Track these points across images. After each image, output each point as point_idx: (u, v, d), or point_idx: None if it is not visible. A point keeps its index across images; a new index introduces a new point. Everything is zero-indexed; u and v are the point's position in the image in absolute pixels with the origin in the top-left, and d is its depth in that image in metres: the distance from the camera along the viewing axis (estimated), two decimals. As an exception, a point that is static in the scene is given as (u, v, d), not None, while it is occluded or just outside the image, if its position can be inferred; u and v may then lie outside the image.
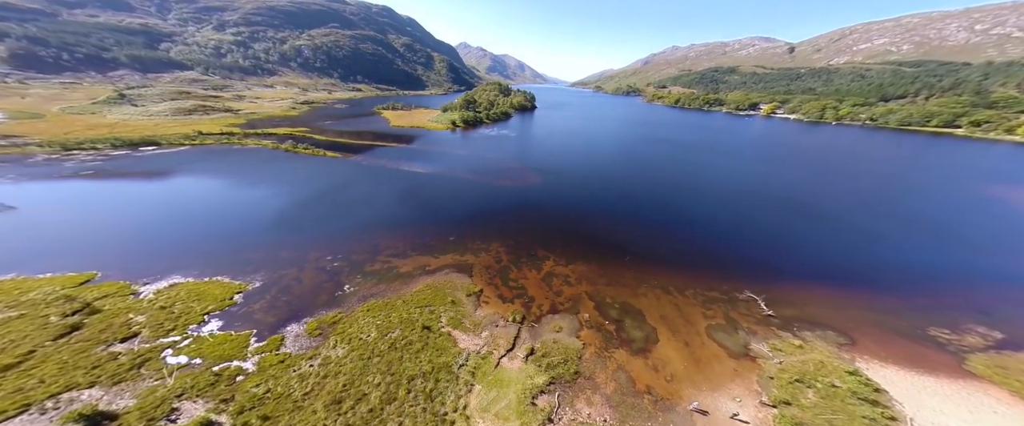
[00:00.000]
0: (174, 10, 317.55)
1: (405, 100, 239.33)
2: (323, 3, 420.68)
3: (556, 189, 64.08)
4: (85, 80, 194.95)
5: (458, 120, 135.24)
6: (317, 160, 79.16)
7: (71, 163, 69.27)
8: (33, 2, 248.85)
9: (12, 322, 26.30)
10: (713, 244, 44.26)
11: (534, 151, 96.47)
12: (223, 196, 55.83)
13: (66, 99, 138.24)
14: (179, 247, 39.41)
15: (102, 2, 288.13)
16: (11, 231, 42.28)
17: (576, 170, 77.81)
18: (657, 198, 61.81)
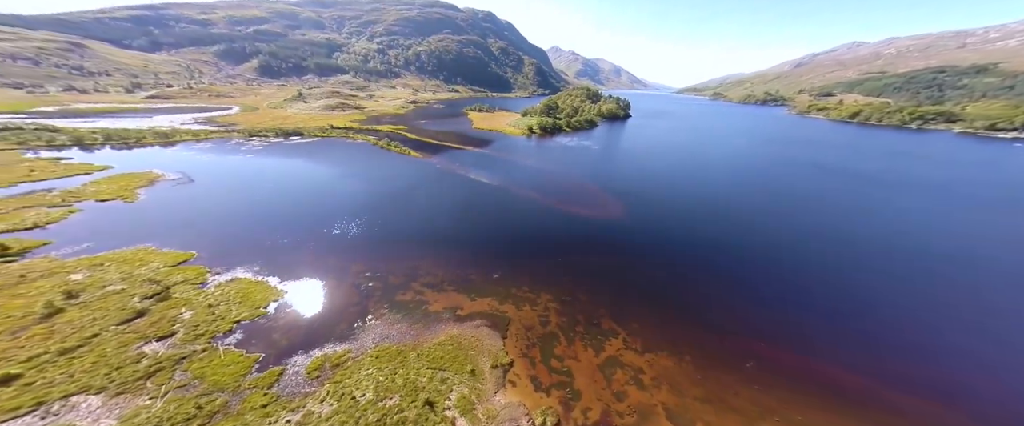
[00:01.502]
0: (346, 25, 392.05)
1: (491, 102, 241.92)
2: (441, 12, 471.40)
3: (643, 227, 49.65)
4: (289, 83, 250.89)
5: (535, 126, 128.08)
6: (400, 159, 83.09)
7: (246, 146, 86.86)
8: (276, 27, 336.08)
9: (108, 297, 29.40)
10: (937, 362, 26.61)
11: (619, 170, 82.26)
12: (314, 187, 61.28)
13: (274, 98, 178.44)
14: (257, 236, 41.85)
15: (309, 23, 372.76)
16: (178, 200, 51.52)
17: (675, 202, 61.17)
18: (817, 262, 41.30)
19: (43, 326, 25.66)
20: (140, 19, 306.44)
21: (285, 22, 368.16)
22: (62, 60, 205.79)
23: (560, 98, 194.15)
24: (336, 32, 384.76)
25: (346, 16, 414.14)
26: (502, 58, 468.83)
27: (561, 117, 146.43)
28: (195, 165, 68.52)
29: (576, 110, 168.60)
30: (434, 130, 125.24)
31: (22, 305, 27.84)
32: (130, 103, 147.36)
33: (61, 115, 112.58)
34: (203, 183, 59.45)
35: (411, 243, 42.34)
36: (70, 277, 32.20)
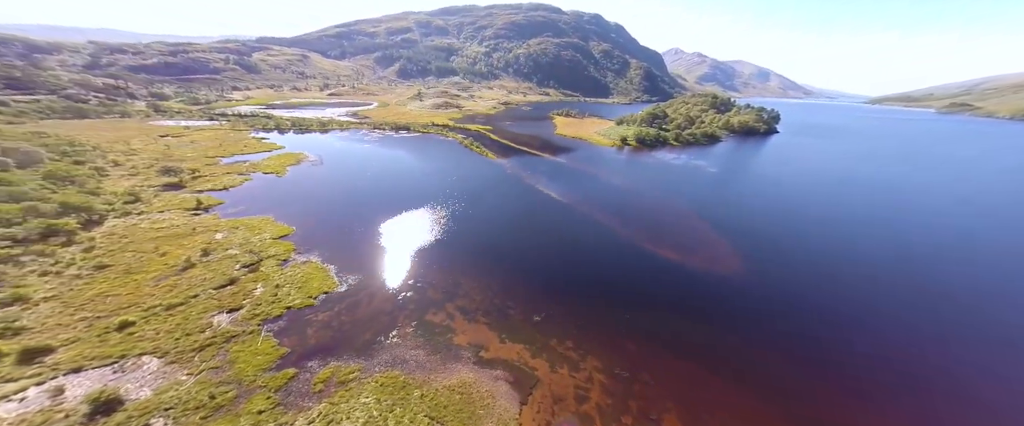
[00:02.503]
0: (464, 31, 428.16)
1: (582, 107, 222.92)
2: (544, 15, 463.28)
3: (768, 291, 34.92)
4: (415, 83, 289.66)
5: (631, 137, 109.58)
6: (478, 159, 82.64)
7: (369, 137, 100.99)
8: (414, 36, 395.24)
9: (223, 260, 35.17)
10: None
11: (743, 203, 61.05)
12: (400, 178, 65.95)
13: (402, 96, 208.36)
14: (341, 221, 45.55)
15: (437, 31, 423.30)
16: (307, 179, 61.85)
17: (834, 262, 41.63)
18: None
19: (176, 278, 31.80)
20: (339, 35, 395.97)
21: (421, 31, 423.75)
22: (295, 68, 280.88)
23: (671, 106, 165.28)
24: (455, 38, 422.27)
25: (464, 22, 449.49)
26: (603, 61, 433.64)
27: (668, 128, 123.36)
28: (330, 150, 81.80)
29: (691, 121, 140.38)
30: (515, 132, 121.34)
31: (177, 254, 35.42)
32: (318, 99, 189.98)
33: (283, 107, 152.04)
34: (328, 166, 69.90)
35: (462, 253, 39.60)
36: (215, 235, 40.09)
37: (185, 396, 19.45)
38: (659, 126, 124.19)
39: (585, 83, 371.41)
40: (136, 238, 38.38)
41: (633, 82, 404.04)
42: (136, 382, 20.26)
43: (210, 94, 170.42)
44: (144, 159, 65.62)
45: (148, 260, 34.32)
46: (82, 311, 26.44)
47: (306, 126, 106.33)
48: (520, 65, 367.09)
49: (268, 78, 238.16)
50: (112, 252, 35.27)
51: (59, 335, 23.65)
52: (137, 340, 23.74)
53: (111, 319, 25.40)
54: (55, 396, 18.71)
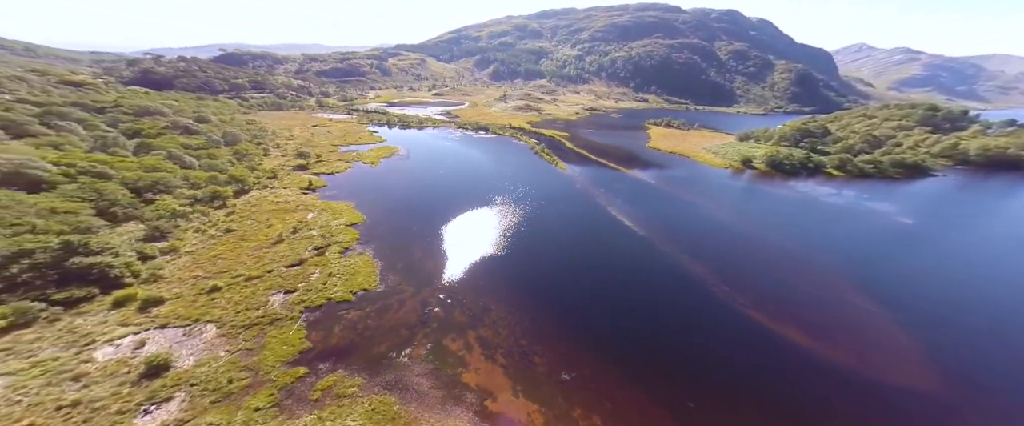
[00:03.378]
0: (558, 34, 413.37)
1: (691, 116, 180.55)
2: (656, 15, 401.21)
3: None
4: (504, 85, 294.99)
5: (759, 158, 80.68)
6: (547, 168, 75.08)
7: (453, 135, 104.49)
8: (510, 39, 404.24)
9: (302, 240, 39.50)
10: None
11: (963, 282, 36.89)
12: (467, 179, 64.39)
13: (489, 98, 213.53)
14: (405, 217, 46.84)
15: (531, 34, 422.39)
16: (392, 171, 67.40)
17: None
18: None
19: (266, 250, 36.81)
20: (450, 40, 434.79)
21: (517, 34, 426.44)
22: (415, 71, 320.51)
23: (838, 119, 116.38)
24: (548, 41, 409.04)
25: (559, 25, 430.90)
26: (732, 63, 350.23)
27: (828, 150, 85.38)
28: (417, 146, 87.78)
29: (876, 141, 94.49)
30: (595, 141, 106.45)
31: (277, 229, 41.37)
32: (425, 98, 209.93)
33: (399, 105, 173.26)
34: (412, 160, 74.64)
35: (500, 274, 35.65)
36: (308, 215, 45.91)
37: (212, 374, 20.90)
38: (811, 146, 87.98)
39: (700, 89, 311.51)
40: (260, 209, 46.51)
41: (776, 88, 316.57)
42: (189, 350, 22.89)
43: (354, 93, 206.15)
44: (295, 143, 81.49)
45: (258, 230, 40.81)
46: (198, 269, 32.38)
47: (407, 123, 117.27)
48: (616, 69, 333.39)
49: (395, 80, 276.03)
50: (241, 219, 43.29)
51: (173, 289, 29.13)
52: (213, 306, 27.42)
53: (208, 281, 30.23)
54: (136, 348, 22.39)
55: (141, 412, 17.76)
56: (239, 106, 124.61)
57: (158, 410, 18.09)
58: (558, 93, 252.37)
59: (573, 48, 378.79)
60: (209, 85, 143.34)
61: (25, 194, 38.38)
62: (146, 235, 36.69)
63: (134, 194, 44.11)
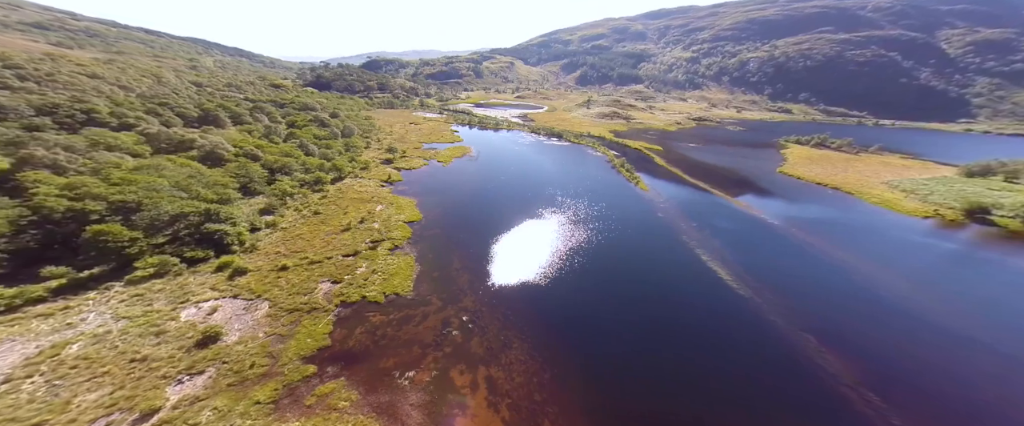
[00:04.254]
0: (667, 35, 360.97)
1: (866, 134, 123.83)
2: (826, 5, 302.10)
3: None
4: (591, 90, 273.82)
5: (1009, 207, 50.12)
6: (625, 187, 63.57)
7: (524, 140, 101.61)
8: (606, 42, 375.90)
9: (363, 232, 42.03)
10: None
11: None
12: (529, 190, 59.33)
13: (570, 103, 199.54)
14: (457, 221, 45.96)
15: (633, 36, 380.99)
16: (460, 171, 68.65)
17: None
18: None
19: (335, 237, 40.24)
20: (540, 44, 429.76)
21: (615, 36, 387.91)
22: (503, 73, 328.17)
23: None
24: (653, 42, 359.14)
25: (671, 25, 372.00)
26: (971, 58, 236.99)
27: None
28: (488, 148, 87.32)
29: None
30: (698, 160, 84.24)
31: (351, 217, 45.27)
32: (507, 100, 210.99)
33: (484, 106, 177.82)
34: (480, 162, 74.32)
35: (538, 307, 30.96)
36: (376, 207, 49.29)
37: (242, 355, 22.49)
38: None
39: (896, 96, 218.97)
40: (345, 196, 51.97)
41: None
42: (240, 324, 25.41)
43: (450, 93, 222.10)
44: (390, 139, 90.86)
45: (336, 216, 45.28)
46: (281, 246, 37.08)
47: (486, 124, 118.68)
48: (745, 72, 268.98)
49: (486, 82, 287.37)
50: (328, 204, 48.95)
51: (258, 262, 33.71)
52: (275, 285, 30.48)
53: (282, 259, 34.11)
54: (207, 315, 25.90)
55: (176, 381, 19.81)
56: (366, 104, 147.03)
57: (188, 383, 19.98)
58: (656, 100, 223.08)
59: (686, 49, 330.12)
60: (351, 86, 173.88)
61: (208, 168, 50.74)
62: (262, 209, 44.27)
63: (269, 174, 54.30)
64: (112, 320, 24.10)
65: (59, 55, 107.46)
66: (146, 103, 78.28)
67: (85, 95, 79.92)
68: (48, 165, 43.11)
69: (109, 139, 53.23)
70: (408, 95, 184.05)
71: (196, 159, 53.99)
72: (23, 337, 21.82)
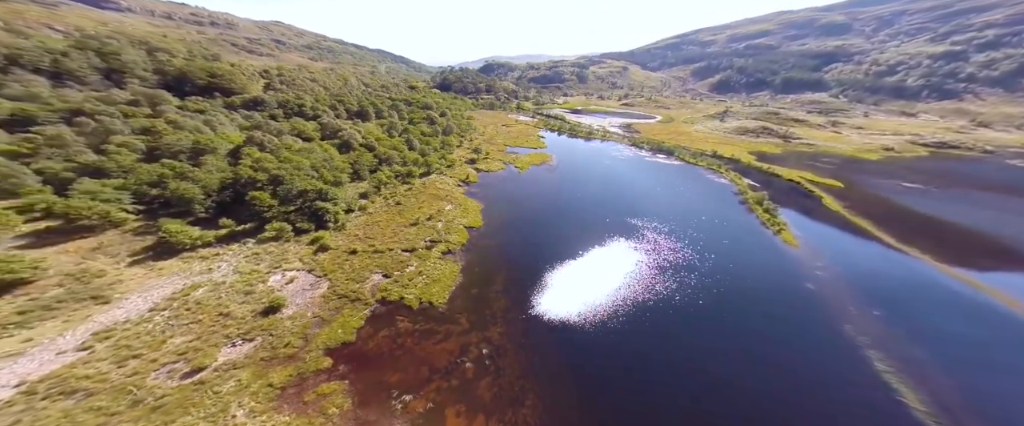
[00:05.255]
0: (897, 24, 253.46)
1: None
2: None
3: None
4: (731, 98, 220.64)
5: None
6: (762, 235, 45.19)
7: (618, 153, 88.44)
8: (771, 40, 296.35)
9: (427, 229, 42.99)
10: None
11: None
12: (613, 214, 50.04)
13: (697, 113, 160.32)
14: (518, 239, 42.61)
15: (823, 30, 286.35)
16: (534, 181, 64.74)
17: None
18: None
19: (403, 230, 42.58)
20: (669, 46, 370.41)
21: (788, 33, 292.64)
22: (612, 78, 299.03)
23: None
24: (864, 37, 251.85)
25: (908, 10, 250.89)
26: None
27: None
28: (572, 158, 78.89)
29: None
30: (914, 209, 53.55)
31: (423, 212, 47.51)
32: (611, 107, 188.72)
33: (582, 112, 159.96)
34: (559, 172, 67.99)
35: (575, 376, 25.13)
36: (446, 206, 50.38)
37: (285, 331, 24.76)
38: None
39: None
40: (425, 191, 55.16)
41: None
42: (301, 300, 28.39)
43: (547, 98, 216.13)
44: (481, 139, 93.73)
45: (411, 209, 48.16)
46: (361, 230, 41.16)
47: (576, 132, 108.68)
48: None
49: (589, 87, 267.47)
50: (409, 196, 52.72)
51: (339, 242, 38.06)
52: (341, 267, 33.46)
53: (356, 243, 37.63)
54: (285, 284, 29.92)
55: (231, 343, 22.88)
56: (472, 104, 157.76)
57: (238, 348, 22.84)
58: (852, 113, 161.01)
59: (937, 42, 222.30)
60: (466, 88, 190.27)
61: (340, 154, 61.73)
62: (361, 193, 50.77)
63: (377, 163, 62.52)
64: (231, 273, 30.32)
65: (305, 66, 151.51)
66: (331, 99, 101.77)
67: (301, 94, 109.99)
68: (258, 143, 59.40)
69: (300, 126, 70.71)
70: (508, 98, 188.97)
71: (337, 146, 66.36)
72: (181, 274, 29.41)
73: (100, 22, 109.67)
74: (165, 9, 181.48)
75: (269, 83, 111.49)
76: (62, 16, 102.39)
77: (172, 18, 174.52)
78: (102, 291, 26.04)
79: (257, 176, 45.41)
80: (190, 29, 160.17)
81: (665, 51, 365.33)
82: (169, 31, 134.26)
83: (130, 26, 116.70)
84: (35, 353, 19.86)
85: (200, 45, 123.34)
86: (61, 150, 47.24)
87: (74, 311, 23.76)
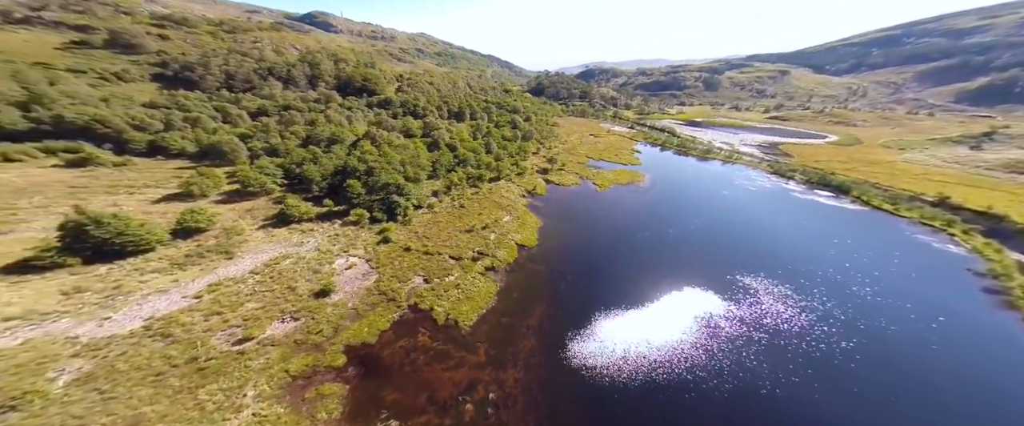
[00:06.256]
0: None
1: None
2: None
3: None
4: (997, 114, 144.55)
5: None
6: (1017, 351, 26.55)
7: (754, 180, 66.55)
8: None
9: (479, 241, 41.31)
10: None
11: None
12: (719, 273, 38.22)
13: (914, 134, 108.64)
14: (571, 267, 37.09)
15: None
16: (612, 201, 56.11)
17: None
18: None
19: (456, 235, 42.08)
20: (869, 42, 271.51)
21: None
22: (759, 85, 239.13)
23: None
24: None
25: None
26: None
27: None
28: (671, 179, 64.98)
29: None
30: None
31: (480, 219, 46.43)
32: (749, 121, 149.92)
33: (704, 126, 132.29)
34: (650, 196, 56.95)
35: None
36: (505, 217, 47.87)
37: (324, 319, 26.30)
38: None
39: None
40: (489, 197, 54.08)
41: None
42: (349, 288, 30.18)
43: (655, 107, 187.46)
44: (560, 148, 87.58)
45: (471, 214, 47.63)
46: (422, 228, 42.50)
47: (686, 148, 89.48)
48: None
49: (720, 95, 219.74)
50: (473, 201, 52.47)
51: (400, 236, 39.97)
52: (392, 262, 34.68)
53: (412, 241, 38.82)
54: (345, 269, 32.46)
55: (281, 319, 25.35)
56: (560, 110, 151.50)
57: (284, 325, 25.12)
58: None
59: None
60: (558, 93, 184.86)
61: (428, 152, 66.89)
62: (433, 191, 53.19)
63: (456, 163, 65.05)
64: (313, 250, 34.84)
65: (430, 70, 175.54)
66: (439, 101, 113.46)
67: (418, 95, 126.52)
68: (371, 137, 69.53)
69: (409, 124, 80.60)
70: (605, 105, 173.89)
71: (427, 144, 72.18)
72: (283, 243, 35.26)
73: (319, 41, 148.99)
74: (358, 29, 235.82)
75: (400, 86, 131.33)
76: (302, 39, 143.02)
77: (361, 35, 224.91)
78: (232, 248, 33.20)
79: (358, 166, 52.15)
80: (367, 43, 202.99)
81: (864, 49, 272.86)
82: (356, 45, 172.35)
83: (335, 43, 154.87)
84: (172, 293, 26.10)
85: (366, 55, 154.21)
86: (264, 134, 64.83)
87: (211, 262, 30.73)
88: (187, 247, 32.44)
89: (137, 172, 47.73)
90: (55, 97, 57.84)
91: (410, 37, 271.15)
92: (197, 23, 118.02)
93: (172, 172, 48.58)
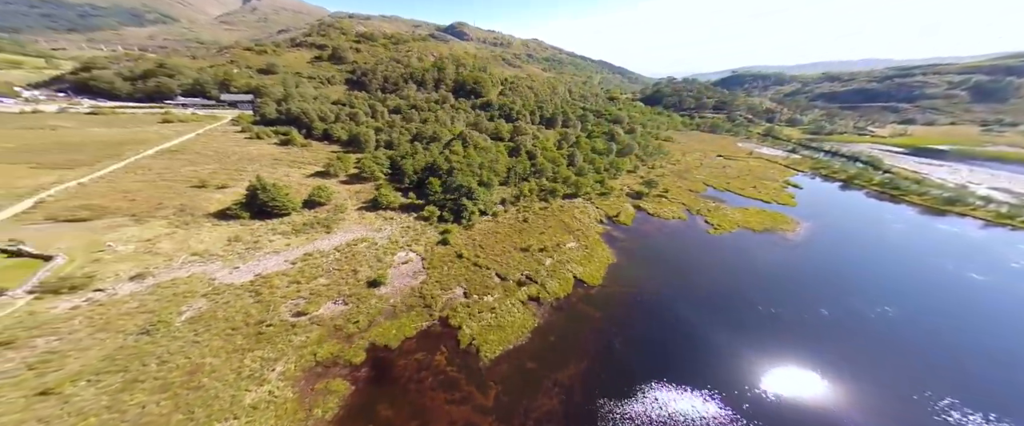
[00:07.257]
0: None
1: None
2: None
3: None
4: None
5: None
6: None
7: None
8: None
9: (532, 263, 36.93)
10: None
11: None
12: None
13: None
14: (624, 324, 29.16)
15: None
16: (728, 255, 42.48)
17: None
18: None
19: (514, 253, 38.83)
20: None
21: None
22: None
23: None
24: None
25: None
26: None
27: None
28: (849, 238, 43.28)
29: None
30: None
31: (537, 240, 41.82)
32: None
33: (952, 158, 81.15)
34: (796, 253, 39.77)
35: None
36: (569, 244, 41.69)
37: (366, 310, 27.44)
38: None
39: None
40: (558, 216, 48.58)
41: None
42: (398, 284, 31.05)
43: (848, 123, 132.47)
44: (667, 170, 72.20)
45: (533, 232, 43.59)
46: (479, 237, 41.11)
47: (900, 192, 54.55)
48: None
49: (1009, 108, 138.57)
50: (538, 216, 47.96)
51: (458, 240, 39.60)
52: (441, 268, 34.33)
53: (465, 248, 37.73)
54: (402, 263, 33.84)
55: (333, 301, 27.57)
56: (681, 123, 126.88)
57: (335, 307, 27.18)
58: None
59: None
60: (681, 103, 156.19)
61: (506, 155, 66.14)
62: (502, 199, 51.58)
63: (532, 171, 61.80)
64: (385, 238, 37.98)
65: (533, 75, 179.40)
66: (533, 105, 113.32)
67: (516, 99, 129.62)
68: (462, 138, 73.67)
69: (500, 127, 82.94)
70: (751, 119, 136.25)
71: (509, 149, 71.38)
72: (366, 226, 39.77)
73: (450, 48, 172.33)
74: (484, 36, 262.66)
75: (503, 89, 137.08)
76: (439, 47, 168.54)
77: (484, 42, 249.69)
78: (333, 223, 39.37)
79: (442, 165, 55.17)
80: (487, 49, 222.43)
81: None
82: (479, 52, 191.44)
83: (462, 50, 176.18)
84: (281, 255, 32.16)
85: (482, 60, 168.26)
86: (390, 128, 77.64)
87: (315, 233, 37.02)
88: (308, 217, 40.15)
89: (311, 153, 63.43)
90: (294, 95, 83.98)
91: (523, 43, 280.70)
92: (377, 37, 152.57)
93: (328, 154, 62.33)
